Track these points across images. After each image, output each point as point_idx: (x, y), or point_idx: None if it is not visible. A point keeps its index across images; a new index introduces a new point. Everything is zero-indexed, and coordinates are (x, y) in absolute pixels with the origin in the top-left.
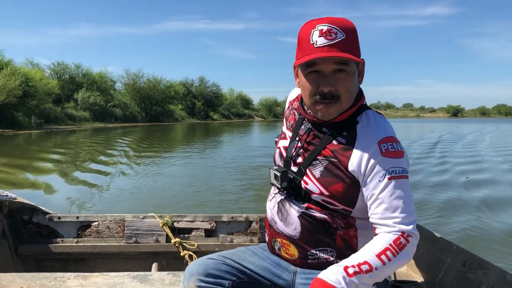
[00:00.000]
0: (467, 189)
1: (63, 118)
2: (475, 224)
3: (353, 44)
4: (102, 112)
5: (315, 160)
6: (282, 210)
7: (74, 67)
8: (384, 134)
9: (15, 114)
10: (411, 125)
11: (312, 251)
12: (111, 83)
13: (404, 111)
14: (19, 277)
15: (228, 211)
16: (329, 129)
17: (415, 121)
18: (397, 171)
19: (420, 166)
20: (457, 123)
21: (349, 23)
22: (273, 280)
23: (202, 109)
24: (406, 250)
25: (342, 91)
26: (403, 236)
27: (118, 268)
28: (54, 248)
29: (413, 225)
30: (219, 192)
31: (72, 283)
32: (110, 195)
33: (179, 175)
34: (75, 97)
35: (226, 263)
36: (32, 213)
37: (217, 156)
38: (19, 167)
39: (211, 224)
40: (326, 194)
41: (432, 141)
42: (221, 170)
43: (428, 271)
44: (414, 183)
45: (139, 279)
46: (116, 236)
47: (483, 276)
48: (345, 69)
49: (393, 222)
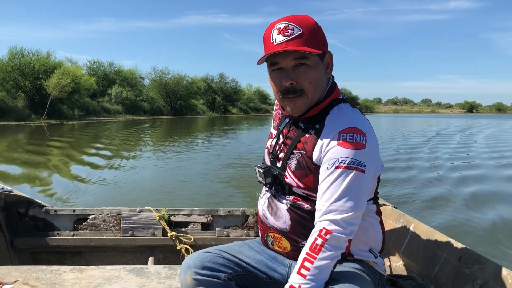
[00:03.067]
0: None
1: (99, 111)
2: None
3: (311, 38)
4: (132, 105)
5: (292, 154)
6: (272, 205)
7: (108, 64)
8: (348, 125)
9: (61, 107)
10: (412, 120)
11: (303, 242)
12: (140, 79)
13: (421, 107)
14: (15, 270)
15: (224, 205)
16: (304, 123)
17: (423, 116)
18: (347, 162)
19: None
20: (466, 118)
21: (307, 19)
22: (268, 274)
23: (221, 104)
24: (325, 249)
25: (304, 83)
26: (320, 235)
27: (114, 261)
28: (50, 241)
29: (343, 217)
30: (224, 186)
31: (68, 276)
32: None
33: (189, 167)
34: (109, 92)
35: (222, 257)
36: (28, 206)
37: (222, 150)
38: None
39: (208, 218)
40: (302, 186)
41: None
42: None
43: (424, 265)
44: (408, 177)
45: (135, 272)
46: (112, 229)
47: (479, 271)
48: (305, 63)
49: (321, 213)
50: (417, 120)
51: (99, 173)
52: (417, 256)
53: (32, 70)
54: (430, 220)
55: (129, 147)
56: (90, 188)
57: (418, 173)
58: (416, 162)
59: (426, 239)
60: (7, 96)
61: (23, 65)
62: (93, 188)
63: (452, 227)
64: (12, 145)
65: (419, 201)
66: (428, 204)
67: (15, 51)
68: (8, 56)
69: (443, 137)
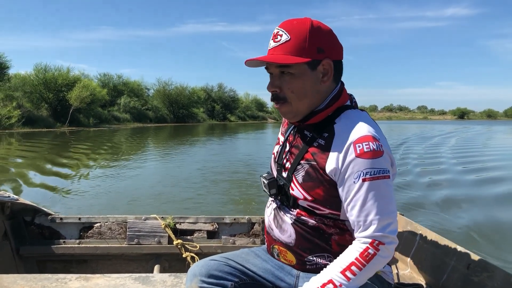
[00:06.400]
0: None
1: (110, 119)
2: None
3: (298, 45)
4: (139, 114)
5: (299, 165)
6: (277, 218)
7: (117, 77)
8: (360, 134)
9: (79, 116)
10: (396, 126)
11: (309, 257)
12: (146, 90)
13: (414, 114)
14: (20, 279)
15: (230, 212)
16: (311, 131)
17: (412, 122)
18: (372, 172)
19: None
20: (453, 125)
21: (302, 23)
22: (275, 283)
23: (220, 112)
24: (375, 260)
25: (287, 92)
26: (373, 245)
27: (120, 269)
28: (56, 250)
29: (388, 228)
30: (224, 192)
31: (73, 285)
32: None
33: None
34: (118, 102)
35: (228, 265)
36: (34, 214)
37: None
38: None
39: (214, 226)
40: (309, 199)
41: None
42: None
43: (432, 273)
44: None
45: (141, 281)
46: (118, 237)
47: (487, 279)
48: (289, 71)
49: (365, 227)
50: (399, 126)
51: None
52: (425, 264)
53: (56, 84)
54: (436, 224)
55: (139, 152)
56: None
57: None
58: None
59: (434, 246)
60: (32, 107)
61: (48, 80)
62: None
63: (457, 233)
64: (53, 148)
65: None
66: (425, 208)
67: (39, 67)
68: (34, 72)
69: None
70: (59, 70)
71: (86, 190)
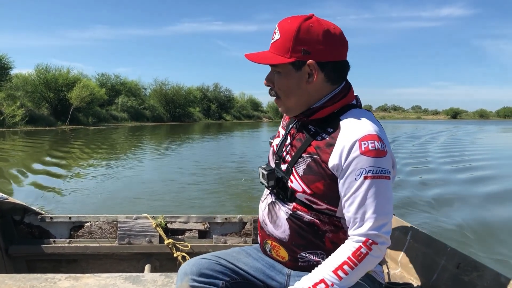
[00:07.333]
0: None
1: (109, 118)
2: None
3: (284, 45)
4: (136, 113)
5: (300, 158)
6: (272, 212)
7: (114, 77)
8: (366, 132)
9: (78, 115)
10: (393, 125)
11: (302, 254)
12: (143, 89)
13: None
14: (9, 278)
15: (222, 212)
16: (315, 126)
17: (404, 122)
18: (374, 171)
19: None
20: (444, 124)
21: (292, 22)
22: (266, 282)
23: (216, 111)
24: (367, 259)
25: (277, 89)
26: (366, 244)
27: (110, 269)
28: (45, 249)
29: (383, 228)
30: (215, 191)
31: (63, 284)
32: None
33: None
34: (116, 101)
35: (220, 263)
36: (23, 213)
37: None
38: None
39: (205, 225)
40: (308, 192)
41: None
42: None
43: (422, 273)
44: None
45: (131, 280)
46: (108, 237)
47: (477, 278)
48: (277, 70)
49: (361, 224)
50: (391, 125)
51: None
52: (415, 263)
53: (56, 84)
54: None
55: (136, 150)
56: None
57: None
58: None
59: (424, 246)
60: (33, 106)
61: (49, 80)
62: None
63: (448, 232)
64: (54, 144)
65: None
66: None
67: (40, 67)
68: (36, 73)
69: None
70: (60, 71)
71: (85, 188)
